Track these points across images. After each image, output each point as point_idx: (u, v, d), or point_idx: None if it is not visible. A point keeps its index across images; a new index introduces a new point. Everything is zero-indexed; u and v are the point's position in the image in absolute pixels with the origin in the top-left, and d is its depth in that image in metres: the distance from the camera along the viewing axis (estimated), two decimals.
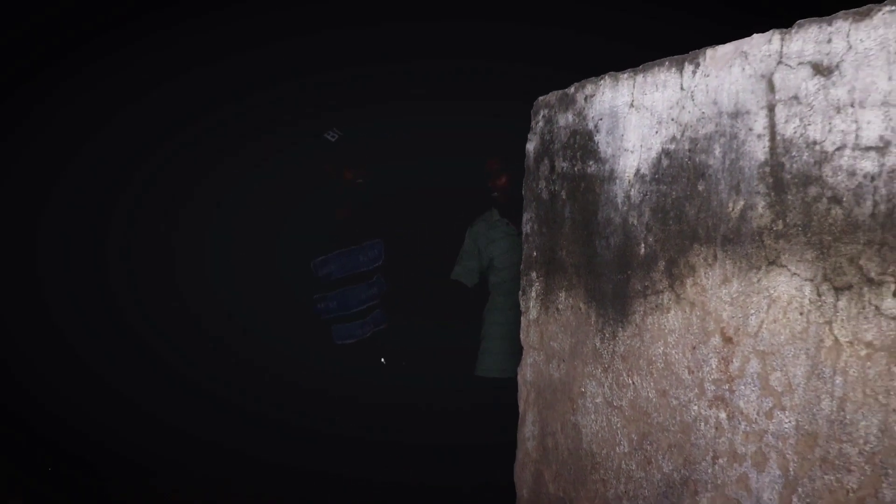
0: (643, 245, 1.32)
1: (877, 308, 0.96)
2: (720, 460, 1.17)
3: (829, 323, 1.02)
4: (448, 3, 4.40)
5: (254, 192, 4.22)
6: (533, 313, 1.61)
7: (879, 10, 0.97)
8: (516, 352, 1.98)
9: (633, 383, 1.34)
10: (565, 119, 1.51)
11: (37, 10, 4.16)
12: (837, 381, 1.01)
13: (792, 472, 1.07)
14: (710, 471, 1.19)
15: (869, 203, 0.98)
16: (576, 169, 1.47)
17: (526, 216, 1.65)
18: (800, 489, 1.06)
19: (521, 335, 1.66)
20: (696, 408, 1.21)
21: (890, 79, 0.96)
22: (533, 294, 1.62)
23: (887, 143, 0.96)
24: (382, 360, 3.43)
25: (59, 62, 4.41)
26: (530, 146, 1.63)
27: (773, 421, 1.09)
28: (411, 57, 4.55)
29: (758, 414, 1.11)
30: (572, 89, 1.50)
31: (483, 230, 3.38)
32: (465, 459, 3.12)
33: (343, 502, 3.17)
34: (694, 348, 1.22)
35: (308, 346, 3.68)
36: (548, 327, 1.56)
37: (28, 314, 4.42)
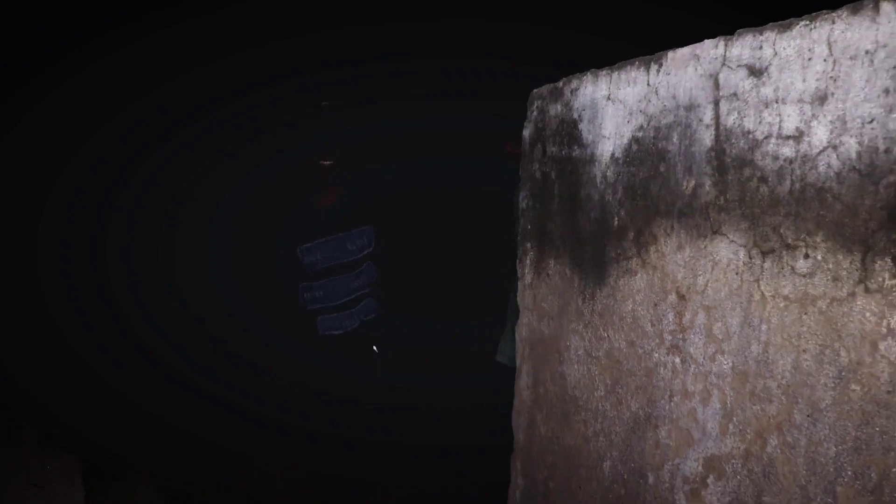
0: (616, 218, 1.54)
1: (792, 268, 1.18)
2: (675, 398, 1.40)
3: (757, 281, 1.24)
4: (448, 3, 4.42)
5: (254, 192, 4.22)
6: (528, 279, 1.84)
7: (798, 24, 1.18)
8: None
9: (608, 336, 1.57)
10: (555, 109, 1.73)
11: (37, 9, 4.18)
12: (763, 329, 1.23)
13: (729, 405, 1.29)
14: (667, 407, 1.42)
15: (787, 182, 1.19)
16: (563, 153, 1.70)
17: (522, 194, 1.88)
18: (734, 419, 1.28)
19: (517, 298, 1.89)
20: (656, 355, 1.44)
21: (804, 80, 1.16)
22: (528, 262, 1.85)
23: (801, 134, 1.17)
24: (374, 348, 3.40)
25: (58, 62, 4.38)
26: (526, 133, 1.85)
27: (715, 363, 1.31)
28: (411, 57, 4.55)
29: (704, 358, 1.34)
30: (561, 83, 1.71)
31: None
32: (465, 459, 3.15)
33: (344, 502, 3.19)
34: (655, 305, 1.44)
35: (308, 345, 3.62)
36: (539, 291, 1.79)
37: (28, 314, 4.41)
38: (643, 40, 1.90)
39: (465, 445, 3.19)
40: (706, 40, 1.35)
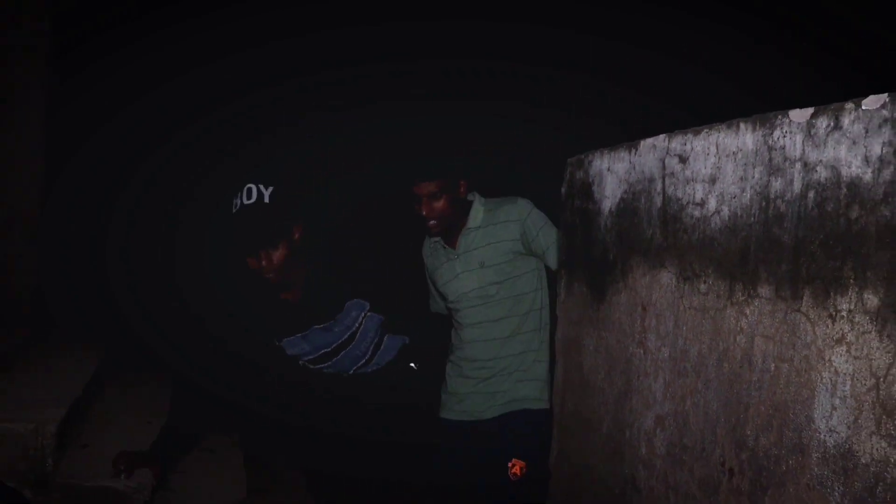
0: (611, 254, 2.21)
1: (698, 289, 1.82)
2: (640, 377, 2.05)
3: (681, 297, 1.88)
4: (448, 3, 4.35)
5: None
6: (562, 296, 2.53)
7: (703, 130, 1.83)
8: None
9: (606, 336, 2.23)
10: (579, 174, 2.42)
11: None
12: (683, 329, 1.87)
13: (667, 380, 1.93)
14: (636, 384, 2.07)
15: (696, 233, 1.83)
16: (583, 206, 2.38)
17: (562, 235, 2.56)
18: (670, 389, 1.92)
19: (557, 310, 2.57)
20: (631, 348, 2.10)
21: (705, 168, 1.81)
22: (562, 284, 2.53)
23: (703, 202, 1.81)
24: (413, 365, 3.22)
25: (59, 62, 4.21)
26: (563, 190, 2.54)
27: (660, 353, 1.96)
28: (411, 57, 4.45)
29: (655, 349, 1.99)
30: (583, 156, 2.40)
31: (427, 251, 3.30)
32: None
33: (344, 502, 3.18)
34: (631, 314, 2.10)
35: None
36: (568, 305, 2.47)
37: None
38: (643, 40, 2.33)
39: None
40: (660, 135, 2.01)
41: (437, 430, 3.28)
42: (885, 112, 1.34)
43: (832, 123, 1.45)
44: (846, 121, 1.42)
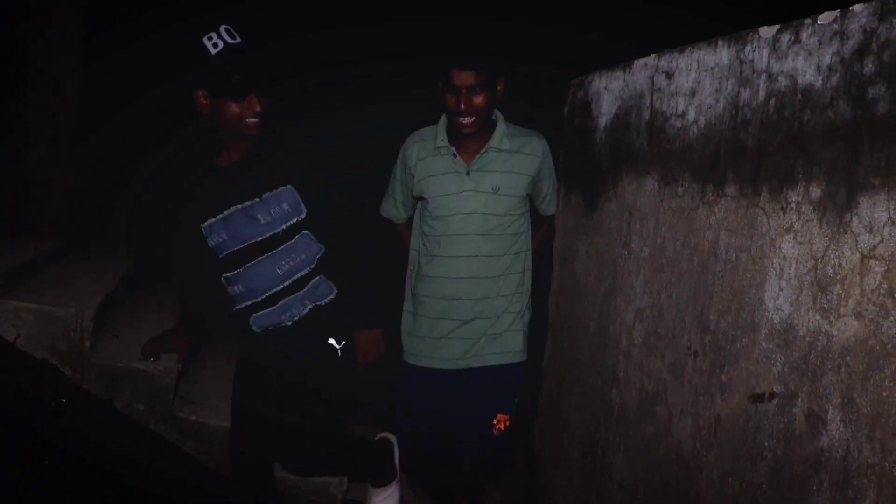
0: (604, 166, 2.40)
1: (675, 192, 2.01)
2: (624, 276, 2.26)
3: (662, 201, 2.07)
4: (448, 3, 4.35)
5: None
6: (560, 205, 2.73)
7: (687, 49, 2.00)
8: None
9: (596, 242, 2.44)
10: (579, 94, 2.59)
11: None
12: (662, 229, 2.07)
13: (646, 277, 2.14)
14: (620, 283, 2.28)
15: (677, 142, 2.02)
16: (582, 123, 2.56)
17: (562, 152, 2.75)
18: (647, 285, 2.13)
19: (556, 221, 2.77)
20: (616, 250, 2.30)
21: (687, 82, 1.98)
22: (561, 195, 2.73)
23: (684, 113, 1.99)
24: (332, 341, 2.67)
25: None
26: (565, 110, 2.72)
27: (642, 252, 2.16)
28: (411, 57, 4.39)
29: (637, 249, 2.19)
30: (583, 77, 2.57)
31: (418, 154, 2.79)
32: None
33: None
34: (618, 219, 2.30)
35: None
36: (566, 214, 2.68)
37: None
38: (642, 40, 2.53)
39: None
40: (651, 54, 2.18)
41: (398, 382, 2.94)
42: (835, 26, 1.51)
43: (793, 37, 1.62)
44: (805, 34, 1.59)
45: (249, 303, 2.61)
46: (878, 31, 1.41)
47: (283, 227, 2.55)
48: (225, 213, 2.55)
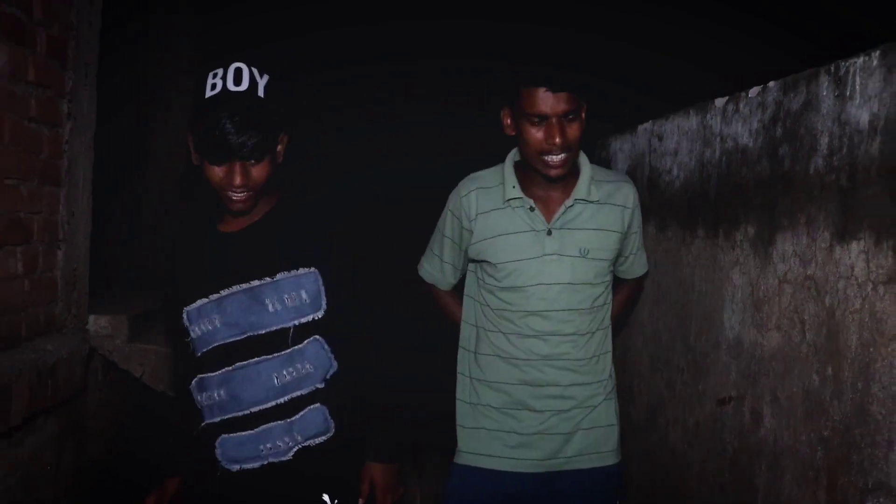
0: None
1: (667, 235, 2.40)
2: (637, 310, 2.64)
3: (658, 244, 2.46)
4: (448, 3, 4.28)
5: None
6: None
7: (672, 115, 2.41)
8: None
9: None
10: (602, 153, 3.02)
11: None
12: (659, 267, 2.45)
13: (650, 308, 2.52)
14: (632, 316, 2.66)
15: (667, 194, 2.41)
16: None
17: None
18: (651, 315, 2.51)
19: None
20: None
21: (672, 143, 2.39)
22: None
23: (670, 170, 2.39)
24: (325, 498, 1.82)
25: None
26: None
27: (648, 288, 2.55)
28: (411, 57, 4.36)
29: (646, 286, 2.58)
30: (605, 140, 3.00)
31: (478, 205, 2.14)
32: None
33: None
34: None
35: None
36: None
37: None
38: (642, 40, 2.70)
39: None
40: (650, 120, 2.60)
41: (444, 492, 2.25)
42: (759, 98, 1.91)
43: (735, 107, 2.02)
44: (742, 104, 1.99)
45: (227, 417, 1.84)
46: (784, 103, 1.80)
47: (296, 322, 1.83)
48: (222, 292, 1.84)
